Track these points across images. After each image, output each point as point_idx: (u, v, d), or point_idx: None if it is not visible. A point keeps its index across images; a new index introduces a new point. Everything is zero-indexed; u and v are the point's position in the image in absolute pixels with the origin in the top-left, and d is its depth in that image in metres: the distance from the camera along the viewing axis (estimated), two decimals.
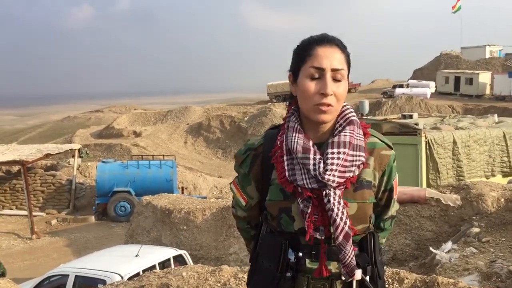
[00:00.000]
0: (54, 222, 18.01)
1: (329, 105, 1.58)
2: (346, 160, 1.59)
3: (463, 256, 5.88)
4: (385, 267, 4.49)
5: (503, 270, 5.09)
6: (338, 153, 1.58)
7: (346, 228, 1.57)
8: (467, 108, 35.17)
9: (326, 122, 1.63)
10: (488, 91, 40.67)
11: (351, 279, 1.61)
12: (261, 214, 1.80)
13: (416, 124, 11.06)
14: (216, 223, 9.83)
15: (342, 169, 1.59)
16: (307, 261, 1.63)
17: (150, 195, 11.58)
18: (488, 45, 51.70)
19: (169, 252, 7.80)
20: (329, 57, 1.58)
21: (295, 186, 1.61)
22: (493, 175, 11.05)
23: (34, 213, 17.37)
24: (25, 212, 17.36)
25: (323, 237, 1.61)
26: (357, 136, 1.64)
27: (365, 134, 1.69)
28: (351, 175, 1.61)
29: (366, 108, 35.20)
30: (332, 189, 1.58)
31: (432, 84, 43.02)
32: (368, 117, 22.75)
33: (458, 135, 10.53)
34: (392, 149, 1.73)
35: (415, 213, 7.35)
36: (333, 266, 1.63)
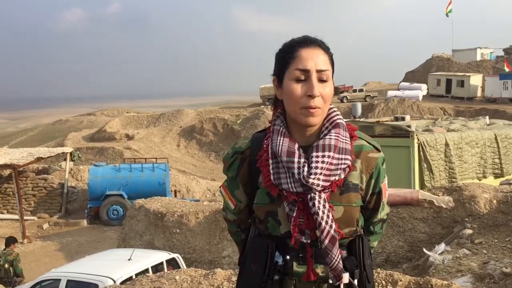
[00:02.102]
0: (45, 226, 17.87)
1: (316, 107, 1.57)
2: (331, 164, 1.58)
3: (456, 258, 5.90)
4: (379, 269, 4.49)
5: (496, 271, 5.11)
6: (323, 156, 1.57)
7: (332, 231, 1.56)
8: (458, 110, 35.39)
9: (314, 125, 1.61)
10: (479, 93, 40.95)
11: (338, 282, 1.60)
12: (250, 217, 1.80)
13: (409, 126, 11.09)
14: (209, 226, 9.80)
15: (327, 172, 1.57)
16: (294, 264, 1.63)
17: (143, 199, 11.51)
18: (479, 47, 52.09)
19: (162, 256, 7.75)
20: (314, 59, 1.57)
21: (280, 190, 1.60)
22: (485, 177, 11.11)
23: (25, 217, 17.23)
24: (17, 216, 17.20)
25: (308, 241, 1.60)
26: (343, 139, 1.62)
27: (352, 137, 1.67)
28: (336, 179, 1.60)
29: (359, 110, 35.32)
30: (317, 193, 1.57)
31: (424, 86, 43.29)
32: (361, 120, 22.83)
33: (450, 137, 10.58)
34: (380, 151, 1.71)
35: (408, 215, 7.36)
36: (320, 270, 1.62)
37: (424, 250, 6.49)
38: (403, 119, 14.37)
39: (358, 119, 25.15)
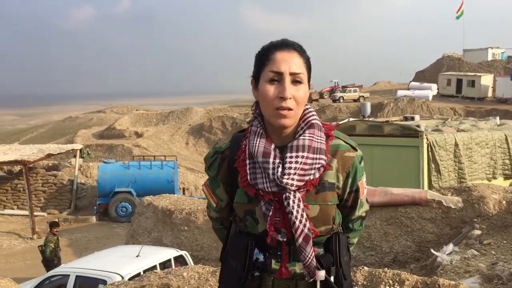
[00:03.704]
0: None
1: (288, 108, 1.59)
2: (305, 164, 1.60)
3: (464, 258, 5.87)
4: (386, 269, 4.49)
5: (504, 272, 5.09)
6: (297, 156, 1.60)
7: (306, 230, 1.60)
8: (469, 110, 35.14)
9: (287, 126, 1.64)
10: (490, 94, 40.65)
11: (312, 279, 1.63)
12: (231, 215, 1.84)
13: (418, 126, 11.04)
14: None
15: (302, 172, 1.60)
16: (273, 261, 1.67)
17: (151, 196, 11.57)
18: (491, 47, 51.66)
19: (170, 253, 7.80)
20: (288, 61, 1.60)
21: (257, 190, 1.64)
22: (495, 178, 11.04)
23: (35, 213, 17.37)
24: (27, 212, 17.37)
25: (285, 239, 1.64)
26: (317, 139, 1.64)
27: (329, 136, 1.69)
28: (311, 178, 1.62)
29: (368, 110, 35.22)
30: (292, 192, 1.60)
31: (434, 86, 43.05)
32: (370, 119, 22.76)
33: (460, 137, 10.52)
34: (357, 150, 1.73)
35: (417, 215, 7.34)
36: (298, 267, 1.66)
37: (432, 250, 6.46)
38: (412, 119, 14.32)
39: (367, 119, 25.08)
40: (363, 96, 43.25)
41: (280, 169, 1.59)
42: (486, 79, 41.00)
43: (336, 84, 46.90)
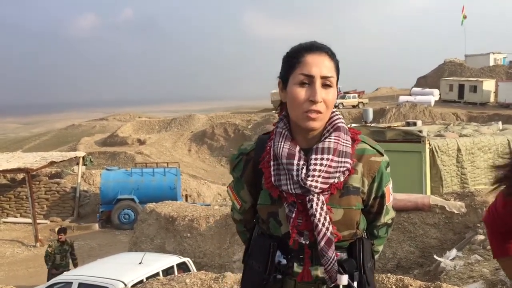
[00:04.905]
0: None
1: (318, 112, 1.59)
2: (330, 166, 1.59)
3: (468, 264, 5.85)
4: (389, 274, 4.48)
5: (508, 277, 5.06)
6: (322, 159, 1.59)
7: (328, 234, 1.58)
8: (471, 115, 35.11)
9: (315, 129, 1.63)
10: (492, 99, 40.61)
11: (333, 284, 1.62)
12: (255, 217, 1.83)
13: (420, 131, 11.04)
14: (219, 230, 9.81)
15: (326, 175, 1.59)
16: (295, 264, 1.66)
17: (154, 203, 11.57)
18: (492, 52, 51.66)
19: (172, 260, 7.79)
20: (319, 65, 1.60)
21: (281, 191, 1.63)
22: None
23: (38, 221, 17.39)
24: (30, 220, 17.38)
25: (307, 242, 1.63)
26: (343, 142, 1.63)
27: (355, 141, 1.68)
28: (335, 181, 1.61)
29: (370, 115, 35.22)
30: (315, 195, 1.59)
31: (436, 91, 43.04)
32: (372, 125, 22.75)
33: (462, 142, 10.51)
34: (383, 155, 1.71)
35: (420, 221, 7.32)
36: (320, 271, 1.64)
37: (435, 256, 6.44)
38: (414, 124, 14.34)
39: (369, 124, 25.08)
40: (362, 102, 43.36)
41: (304, 171, 1.59)
42: (488, 84, 40.99)
43: (339, 90, 46.93)
